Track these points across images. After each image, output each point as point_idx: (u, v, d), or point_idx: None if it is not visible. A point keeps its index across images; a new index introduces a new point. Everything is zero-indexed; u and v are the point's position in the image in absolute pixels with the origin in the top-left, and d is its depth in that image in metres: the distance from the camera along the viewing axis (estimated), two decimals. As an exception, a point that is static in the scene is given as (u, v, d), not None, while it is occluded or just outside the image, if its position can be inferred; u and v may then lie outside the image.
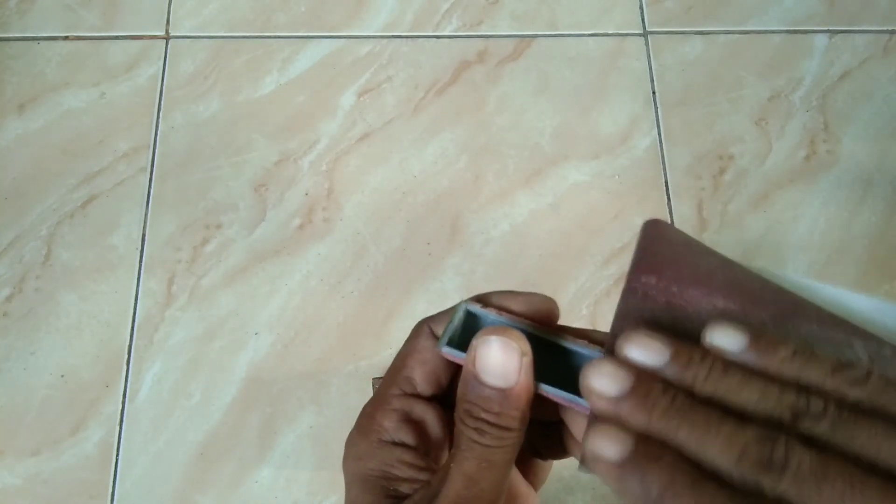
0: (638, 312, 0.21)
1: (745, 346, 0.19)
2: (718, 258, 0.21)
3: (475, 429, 0.21)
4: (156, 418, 0.61)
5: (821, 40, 0.77)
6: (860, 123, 0.73)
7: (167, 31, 0.75)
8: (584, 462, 0.19)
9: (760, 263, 0.69)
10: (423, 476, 0.23)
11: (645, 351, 0.19)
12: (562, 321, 0.25)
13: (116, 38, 0.75)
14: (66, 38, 0.75)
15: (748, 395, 0.18)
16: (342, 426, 0.61)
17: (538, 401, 0.22)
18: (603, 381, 0.19)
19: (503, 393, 0.21)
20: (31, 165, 0.69)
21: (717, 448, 0.17)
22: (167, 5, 0.76)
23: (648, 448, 0.18)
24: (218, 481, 0.59)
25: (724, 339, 0.19)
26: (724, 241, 0.68)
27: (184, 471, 0.59)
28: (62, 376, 0.62)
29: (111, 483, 0.59)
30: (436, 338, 0.24)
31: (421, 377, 0.24)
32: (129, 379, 0.62)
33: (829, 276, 0.67)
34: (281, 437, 0.61)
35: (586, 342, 0.23)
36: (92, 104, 0.72)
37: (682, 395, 0.18)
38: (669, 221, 0.69)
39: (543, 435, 0.26)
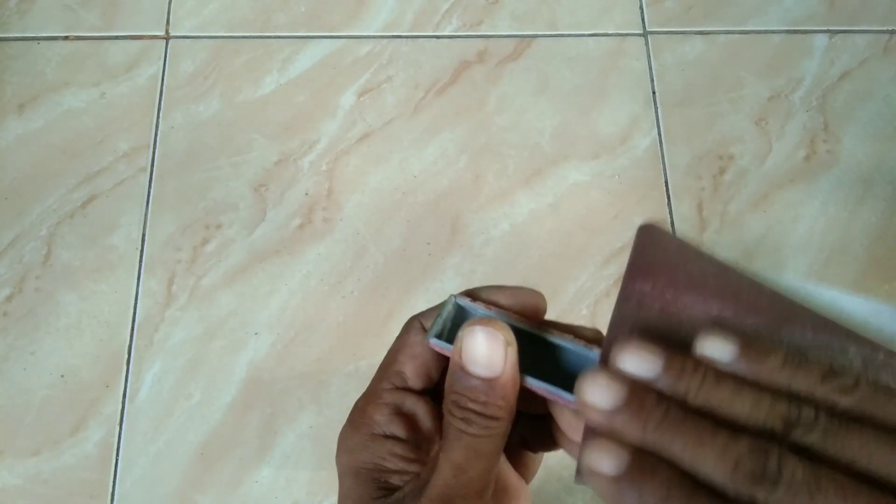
0: (633, 320, 0.21)
1: (735, 355, 0.19)
2: (713, 262, 0.21)
3: (462, 419, 0.21)
4: (156, 418, 0.61)
5: (821, 40, 0.77)
6: (860, 123, 0.73)
7: (167, 31, 0.75)
8: (580, 475, 0.19)
9: (760, 264, 0.69)
10: (413, 468, 0.23)
11: (638, 362, 0.19)
12: (562, 321, 0.25)
13: (116, 38, 0.75)
14: (66, 38, 0.75)
15: (740, 406, 0.18)
16: (342, 426, 0.61)
17: (527, 394, 0.23)
18: (598, 393, 0.19)
19: (489, 382, 0.21)
20: (31, 165, 0.69)
21: (711, 461, 0.17)
22: (167, 5, 0.76)
23: (644, 462, 0.18)
24: (218, 481, 0.59)
25: (715, 348, 0.19)
26: (724, 241, 0.68)
27: (184, 471, 0.59)
28: (62, 376, 0.62)
29: (111, 483, 0.59)
30: (426, 332, 0.25)
31: (412, 371, 0.25)
32: (129, 379, 0.62)
33: (829, 277, 0.67)
34: (281, 437, 0.61)
35: (572, 337, 0.23)
36: (92, 104, 0.72)
37: (675, 407, 0.19)
38: (669, 221, 0.69)
39: (533, 428, 0.26)
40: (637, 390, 0.19)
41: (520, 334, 0.23)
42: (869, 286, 0.67)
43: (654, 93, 0.74)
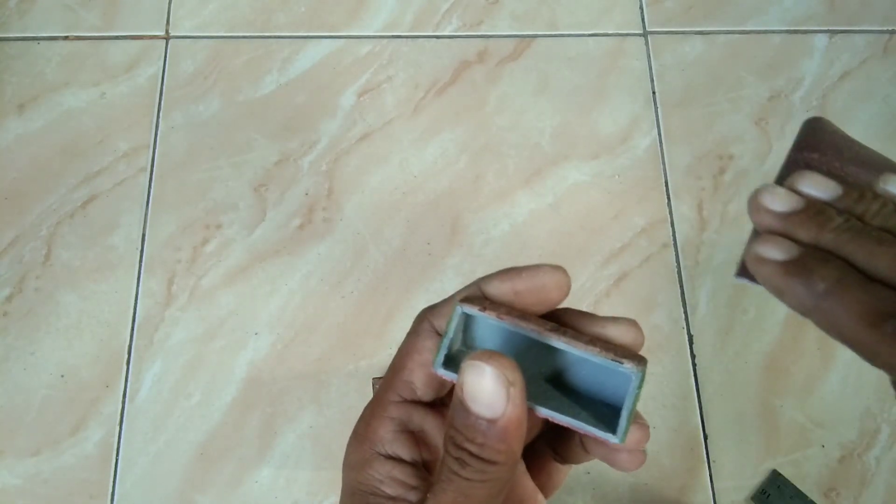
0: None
1: None
2: (875, 152, 0.22)
3: (457, 458, 0.19)
4: (156, 418, 0.61)
5: (821, 40, 0.77)
6: (860, 123, 0.73)
7: (167, 31, 0.75)
8: (743, 269, 0.20)
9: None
10: (412, 496, 0.22)
11: (817, 185, 0.20)
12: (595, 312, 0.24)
13: (116, 38, 0.75)
14: (66, 38, 0.75)
15: None
16: (342, 426, 0.61)
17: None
18: (774, 199, 0.20)
19: (489, 423, 0.19)
20: (31, 165, 0.69)
21: (888, 260, 0.18)
22: (167, 5, 0.76)
23: (816, 253, 0.19)
24: (218, 481, 0.59)
25: None
26: (724, 241, 0.68)
27: (184, 471, 0.59)
28: (62, 376, 0.62)
29: (111, 483, 0.59)
30: (438, 335, 0.23)
31: (421, 380, 0.23)
32: (129, 379, 0.62)
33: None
34: (281, 437, 0.61)
35: (598, 350, 0.21)
36: (92, 104, 0.72)
37: (854, 219, 0.19)
38: (669, 221, 0.69)
39: (562, 436, 0.25)
40: (816, 202, 0.20)
41: (537, 346, 0.21)
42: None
43: (654, 93, 0.74)
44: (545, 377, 0.23)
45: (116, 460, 0.60)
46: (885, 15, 0.78)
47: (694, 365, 0.64)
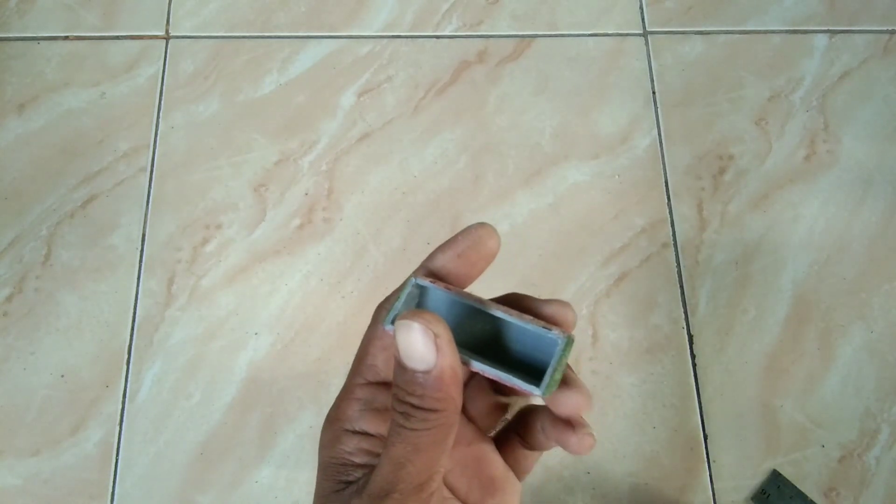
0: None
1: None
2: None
3: (401, 413, 0.21)
4: (156, 418, 0.61)
5: (821, 40, 0.77)
6: (860, 123, 0.73)
7: (167, 31, 0.75)
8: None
9: (760, 264, 0.69)
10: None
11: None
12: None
13: (116, 38, 0.75)
14: (66, 38, 0.75)
15: None
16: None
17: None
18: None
19: (426, 375, 0.21)
20: (31, 165, 0.69)
21: None
22: (167, 5, 0.76)
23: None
24: (218, 481, 0.59)
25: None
26: (724, 241, 0.68)
27: (184, 471, 0.59)
28: (62, 376, 0.62)
29: (111, 483, 0.59)
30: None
31: (383, 363, 0.25)
32: (129, 379, 0.62)
33: (829, 276, 0.67)
34: (281, 437, 0.61)
35: (532, 318, 0.23)
36: (92, 104, 0.72)
37: None
38: (669, 221, 0.69)
39: (526, 423, 0.26)
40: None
41: (478, 315, 0.24)
42: (869, 286, 0.67)
43: (654, 93, 0.74)
44: (489, 348, 0.25)
45: (116, 460, 0.60)
46: (885, 15, 0.78)
47: (694, 365, 0.64)
